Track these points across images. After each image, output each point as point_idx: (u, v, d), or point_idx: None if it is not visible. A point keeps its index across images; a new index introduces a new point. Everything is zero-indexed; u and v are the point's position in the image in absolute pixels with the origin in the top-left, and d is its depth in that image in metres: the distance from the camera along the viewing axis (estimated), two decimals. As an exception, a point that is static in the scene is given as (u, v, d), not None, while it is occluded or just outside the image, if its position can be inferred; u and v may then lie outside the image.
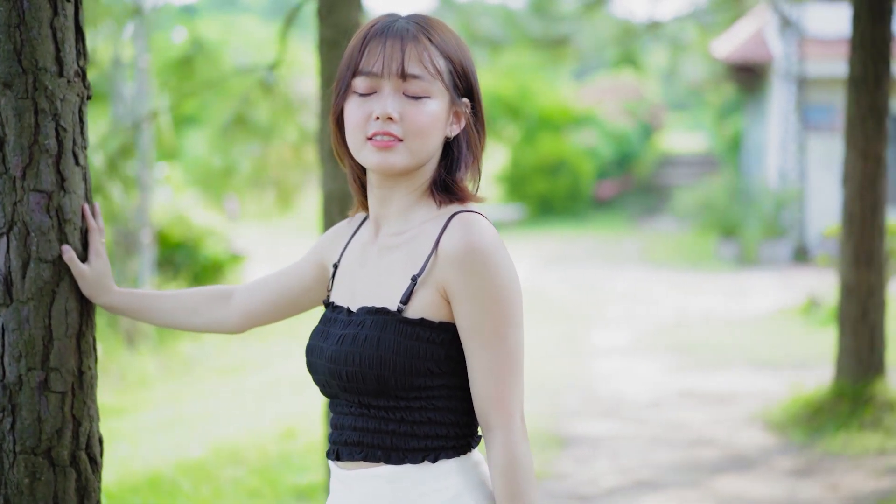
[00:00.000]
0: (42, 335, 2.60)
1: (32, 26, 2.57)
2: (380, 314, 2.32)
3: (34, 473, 2.60)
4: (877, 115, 8.06)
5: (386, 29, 2.32)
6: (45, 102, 2.58)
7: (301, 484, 6.76)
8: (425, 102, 2.32)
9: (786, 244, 20.40)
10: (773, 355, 11.21)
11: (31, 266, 2.59)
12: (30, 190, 2.58)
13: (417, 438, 2.32)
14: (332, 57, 4.92)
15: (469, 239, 2.28)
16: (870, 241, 8.18)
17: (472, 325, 2.29)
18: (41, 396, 2.60)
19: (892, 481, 6.72)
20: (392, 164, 2.32)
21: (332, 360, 2.33)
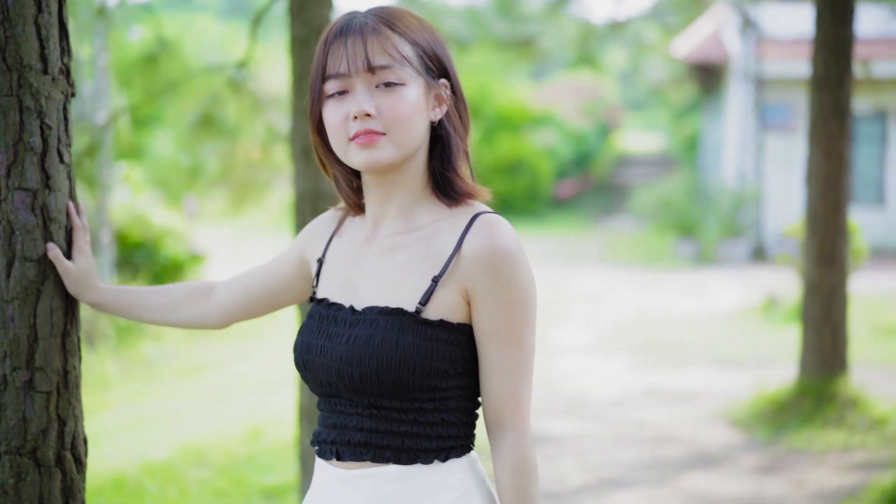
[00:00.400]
0: (27, 334, 2.58)
1: (17, 23, 2.54)
2: (395, 315, 2.28)
3: (19, 474, 2.58)
4: (839, 114, 8.13)
5: (345, 27, 2.30)
6: (29, 100, 2.56)
7: (269, 484, 6.74)
8: (400, 90, 2.29)
9: (743, 243, 20.54)
10: (735, 353, 11.28)
11: (15, 265, 2.56)
12: (14, 188, 2.55)
13: (430, 439, 2.31)
14: (304, 55, 4.91)
15: (496, 241, 2.28)
16: (832, 240, 8.25)
17: (493, 327, 2.29)
18: (26, 396, 2.58)
19: (857, 477, 6.78)
20: (379, 160, 2.29)
21: (343, 360, 2.29)
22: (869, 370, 9.57)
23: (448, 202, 2.38)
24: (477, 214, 2.32)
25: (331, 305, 2.41)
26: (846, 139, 8.19)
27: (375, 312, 2.30)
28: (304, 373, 2.40)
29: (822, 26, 8.14)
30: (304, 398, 5.10)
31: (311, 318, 2.43)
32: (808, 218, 8.40)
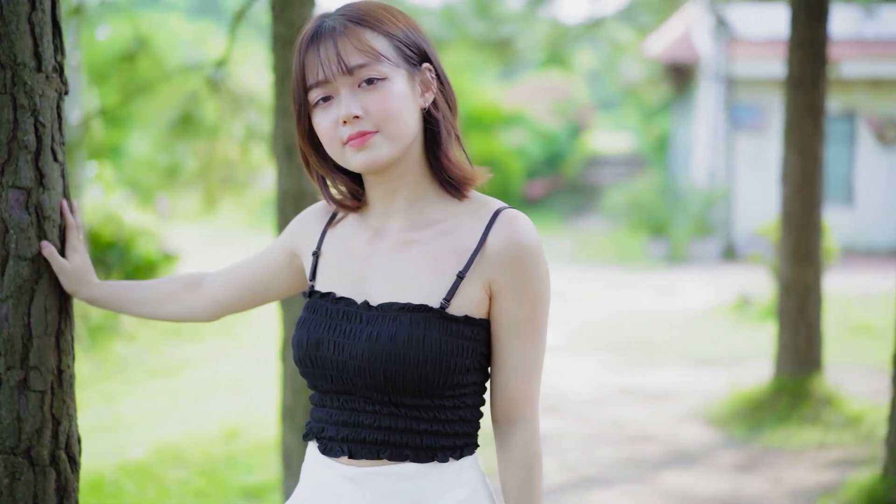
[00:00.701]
0: (21, 333, 2.57)
1: (10, 20, 2.53)
2: (420, 311, 2.26)
3: (14, 474, 2.57)
4: (814, 114, 8.18)
5: (315, 34, 2.29)
6: (23, 98, 2.55)
7: (249, 484, 6.72)
8: (383, 85, 2.26)
9: (714, 242, 20.64)
10: (709, 352, 11.33)
11: (10, 263, 2.55)
12: (8, 186, 2.54)
13: (447, 437, 2.31)
14: (286, 54, 4.90)
15: (521, 237, 2.29)
16: (807, 239, 8.30)
17: (514, 322, 2.31)
18: (21, 395, 2.57)
19: (834, 474, 6.82)
20: (377, 158, 2.27)
21: (364, 358, 2.25)
22: (841, 369, 9.63)
23: (453, 192, 2.37)
24: (499, 210, 2.33)
25: (339, 300, 2.36)
26: (820, 139, 8.24)
27: (396, 309, 2.28)
28: (311, 369, 2.35)
29: (797, 27, 8.18)
30: (287, 397, 5.09)
31: (314, 312, 2.38)
32: (783, 217, 8.45)
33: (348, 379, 2.29)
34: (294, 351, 2.38)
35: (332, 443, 2.34)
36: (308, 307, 2.41)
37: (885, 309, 13.38)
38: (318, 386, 2.38)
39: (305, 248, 2.52)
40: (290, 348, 5.03)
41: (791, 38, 8.23)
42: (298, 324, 2.39)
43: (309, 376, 2.38)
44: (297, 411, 5.03)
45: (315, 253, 2.47)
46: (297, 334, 2.38)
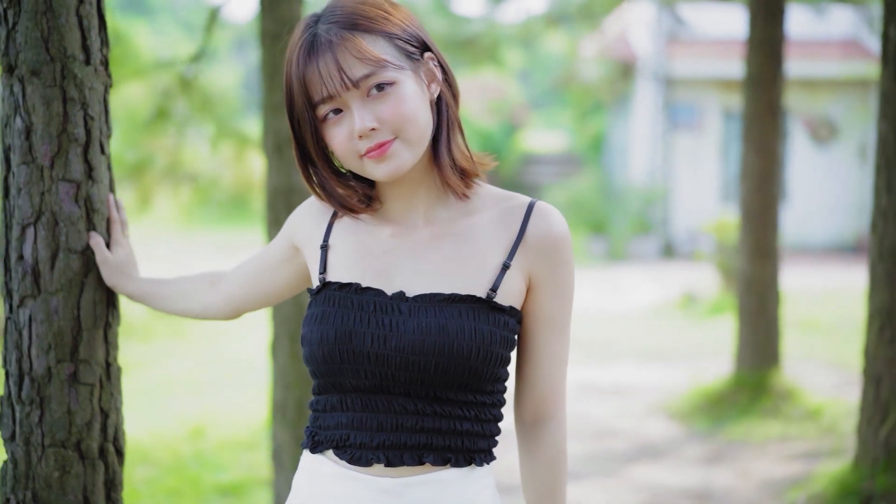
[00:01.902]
0: (71, 326, 2.57)
1: (60, 14, 2.53)
2: (468, 302, 2.19)
3: (64, 467, 2.57)
4: (772, 113, 8.32)
5: (312, 48, 2.17)
6: (73, 91, 2.55)
7: (223, 482, 6.70)
8: (394, 90, 2.17)
9: (653, 240, 20.85)
10: (661, 348, 11.45)
11: (59, 256, 2.55)
12: (59, 179, 2.54)
13: (484, 438, 2.25)
14: (275, 49, 4.90)
15: (560, 230, 2.26)
16: (766, 236, 8.44)
17: (549, 314, 2.28)
18: (71, 389, 2.57)
19: (800, 466, 6.94)
20: (400, 167, 2.19)
21: (412, 350, 2.15)
22: (795, 364, 9.78)
23: (458, 184, 2.29)
24: (533, 202, 2.29)
25: (364, 290, 2.23)
26: (778, 137, 8.38)
27: (440, 300, 2.19)
28: (340, 365, 2.19)
29: (755, 27, 8.31)
30: (277, 393, 5.09)
31: (334, 304, 2.23)
32: (742, 214, 8.58)
33: (388, 374, 2.17)
34: (315, 348, 2.21)
35: (364, 451, 2.20)
36: (322, 300, 2.26)
37: (829, 305, 13.62)
38: (342, 385, 2.22)
39: (309, 241, 2.40)
40: (281, 345, 5.03)
41: (749, 38, 8.36)
42: (314, 319, 2.23)
43: (332, 374, 2.22)
44: (287, 407, 5.03)
45: (323, 246, 2.34)
46: (318, 329, 2.22)
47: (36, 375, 2.56)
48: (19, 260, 2.56)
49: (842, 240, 21.14)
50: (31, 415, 2.56)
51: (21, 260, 2.55)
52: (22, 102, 2.53)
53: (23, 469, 2.57)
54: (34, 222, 2.54)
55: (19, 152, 2.54)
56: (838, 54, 20.62)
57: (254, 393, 9.13)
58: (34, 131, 2.53)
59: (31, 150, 2.53)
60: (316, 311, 2.25)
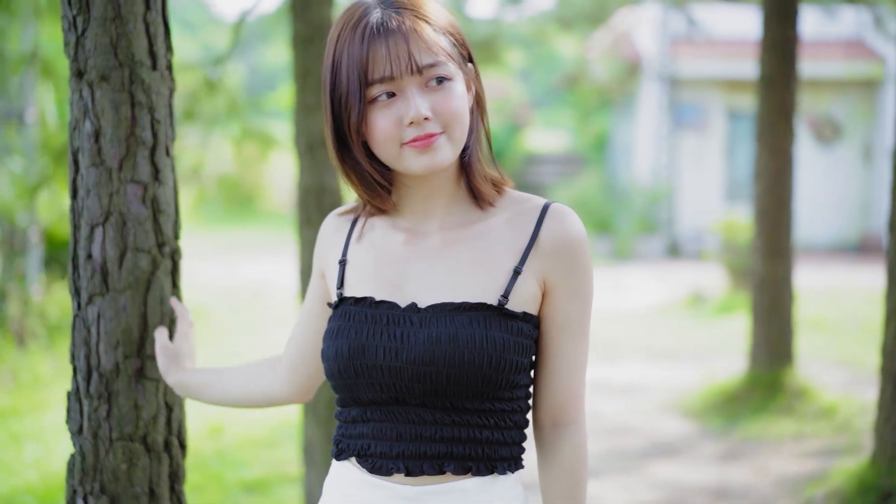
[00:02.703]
0: (138, 323, 2.65)
1: (128, 20, 2.61)
2: (479, 310, 2.15)
3: (131, 459, 2.65)
4: (786, 113, 8.40)
5: (382, 26, 2.14)
6: (141, 95, 2.63)
7: (247, 479, 6.78)
8: (449, 86, 2.17)
9: (658, 240, 20.93)
10: (670, 347, 11.53)
11: (127, 256, 2.63)
12: (127, 181, 2.62)
13: (506, 446, 2.21)
14: (307, 53, 4.99)
15: (574, 231, 2.22)
16: (779, 235, 8.52)
17: (566, 318, 2.23)
18: (138, 384, 2.65)
19: (816, 464, 7.02)
20: (440, 162, 2.17)
21: (424, 361, 2.13)
22: (804, 362, 9.86)
23: (482, 196, 2.27)
24: (548, 204, 2.25)
25: (378, 304, 2.22)
26: (791, 138, 8.46)
27: (451, 309, 2.17)
28: (354, 379, 2.20)
29: (769, 28, 8.39)
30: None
31: (349, 319, 2.23)
32: (755, 214, 8.66)
33: (403, 386, 2.16)
34: (331, 363, 2.22)
35: (384, 460, 2.20)
36: (339, 315, 2.25)
37: (835, 304, 13.70)
38: (360, 398, 2.22)
39: (332, 261, 2.38)
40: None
41: (763, 39, 8.44)
42: (331, 334, 2.24)
43: (349, 388, 2.22)
44: (318, 404, 5.12)
45: (341, 261, 2.33)
46: (334, 344, 2.22)
47: (104, 371, 2.64)
48: (88, 259, 2.64)
49: (846, 239, 21.22)
50: (99, 409, 2.64)
51: (90, 259, 2.63)
52: (91, 107, 2.60)
53: (91, 462, 2.65)
54: (103, 222, 2.62)
55: (88, 155, 2.61)
56: (842, 54, 20.70)
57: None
58: (103, 135, 2.61)
59: (100, 153, 2.61)
60: (333, 326, 2.25)
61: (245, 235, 23.06)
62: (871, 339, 10.18)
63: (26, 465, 7.37)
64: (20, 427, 8.52)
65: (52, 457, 7.53)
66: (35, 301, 11.55)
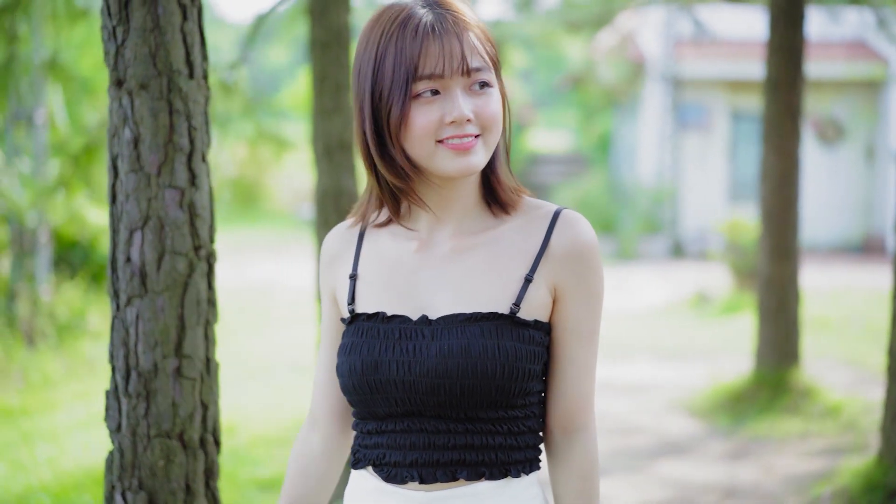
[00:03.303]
0: (175, 324, 2.74)
1: (166, 31, 2.70)
2: (490, 319, 2.17)
3: (168, 456, 2.74)
4: (792, 115, 8.47)
5: (435, 25, 2.16)
6: (179, 103, 2.71)
7: (261, 477, 6.86)
8: (492, 92, 2.19)
9: (662, 240, 21.01)
10: (676, 347, 11.61)
11: (165, 258, 2.72)
12: (165, 186, 2.71)
13: (520, 450, 2.22)
14: (325, 57, 5.08)
15: (586, 238, 2.23)
16: (785, 236, 8.60)
17: (576, 324, 2.23)
18: (175, 382, 2.74)
19: (823, 462, 7.10)
20: (475, 165, 2.17)
21: (437, 374, 2.14)
22: (809, 361, 9.94)
23: (511, 199, 2.28)
24: (559, 210, 2.25)
25: (390, 319, 2.23)
26: (798, 139, 8.54)
27: (462, 319, 2.18)
28: (369, 395, 2.21)
29: (775, 30, 8.47)
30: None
31: (361, 335, 2.23)
32: (762, 214, 8.74)
33: (417, 399, 2.18)
34: (346, 380, 2.24)
35: (399, 468, 2.22)
36: (352, 332, 2.26)
37: (839, 304, 13.78)
38: (376, 412, 2.24)
39: (341, 277, 2.37)
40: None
41: (770, 41, 8.52)
42: (344, 350, 2.25)
43: (365, 404, 2.24)
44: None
45: (352, 276, 2.33)
46: (347, 360, 2.23)
47: (143, 370, 2.73)
48: (127, 262, 2.73)
49: (848, 240, 21.29)
50: (137, 407, 2.73)
51: (129, 262, 2.72)
52: (131, 114, 2.69)
53: (129, 458, 2.74)
54: (142, 226, 2.71)
55: (128, 161, 2.70)
56: (845, 55, 20.77)
57: (278, 391, 9.31)
58: (142, 141, 2.70)
59: (139, 159, 2.70)
60: (346, 342, 2.26)
61: (250, 235, 23.14)
62: (876, 340, 10.27)
63: (39, 463, 7.44)
64: (31, 426, 8.60)
65: (64, 456, 7.61)
66: (44, 301, 11.62)
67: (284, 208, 27.71)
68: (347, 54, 5.13)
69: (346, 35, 5.09)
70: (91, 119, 11.34)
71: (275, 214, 27.22)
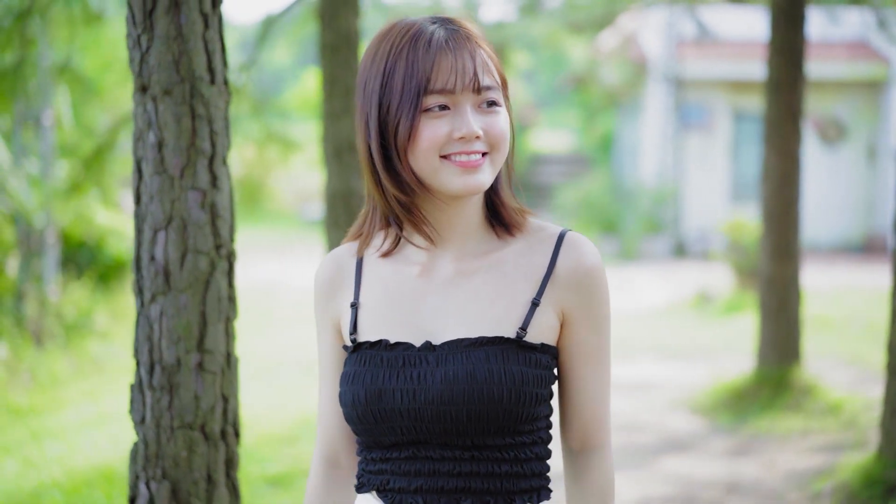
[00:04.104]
0: (198, 320, 2.86)
1: (189, 39, 2.81)
2: (496, 344, 2.15)
3: (191, 447, 2.85)
4: (793, 116, 8.58)
5: (449, 40, 2.14)
6: (201, 108, 2.83)
7: (271, 473, 6.96)
8: (500, 111, 2.18)
9: (664, 240, 21.11)
10: (678, 346, 11.71)
11: (188, 257, 2.84)
12: (188, 188, 2.82)
13: (526, 478, 2.20)
14: (334, 61, 5.19)
15: (590, 260, 2.22)
16: (786, 236, 8.70)
17: (587, 348, 2.24)
18: (197, 376, 2.85)
19: (824, 458, 7.21)
20: (480, 184, 2.16)
21: (443, 401, 2.12)
22: (811, 360, 10.04)
23: (517, 221, 2.27)
24: (563, 233, 2.25)
25: (393, 346, 2.20)
26: (798, 140, 8.64)
27: (467, 345, 2.16)
28: (374, 425, 2.19)
29: (776, 32, 8.57)
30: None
31: (363, 364, 2.20)
32: (763, 215, 8.85)
33: (423, 427, 2.15)
34: (349, 409, 2.20)
35: (402, 494, 2.20)
36: (354, 360, 2.23)
37: (841, 303, 13.87)
38: (382, 441, 2.22)
39: (342, 305, 2.32)
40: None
41: (771, 43, 8.62)
42: (347, 379, 2.22)
43: (369, 433, 2.21)
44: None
45: (354, 304, 2.29)
46: (350, 390, 2.20)
47: (166, 364, 2.85)
48: (151, 261, 2.84)
49: (850, 239, 21.39)
50: (161, 400, 2.85)
51: (153, 261, 2.84)
52: (155, 119, 2.81)
53: (153, 449, 2.86)
54: (165, 227, 2.83)
55: (152, 164, 2.82)
56: (846, 55, 20.87)
57: (283, 390, 9.41)
58: (166, 145, 2.81)
59: (162, 162, 2.82)
60: (349, 370, 2.23)
61: (252, 236, 23.24)
62: (877, 339, 10.35)
63: (49, 461, 7.54)
64: (40, 425, 8.69)
65: (74, 453, 7.71)
66: (52, 301, 11.70)
67: (288, 208, 27.81)
68: (356, 58, 5.25)
69: (354, 39, 5.21)
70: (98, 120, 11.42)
71: (278, 214, 27.32)
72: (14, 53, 8.77)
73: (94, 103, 14.06)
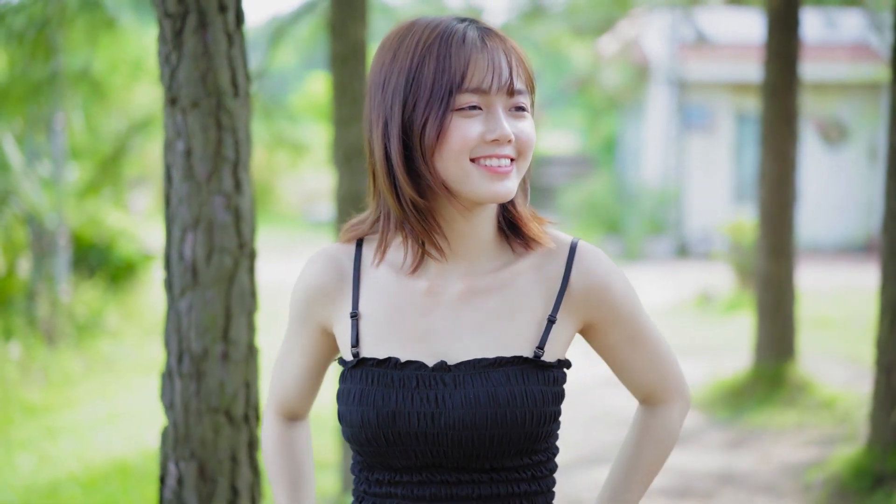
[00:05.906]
0: (223, 314, 3.11)
1: (214, 56, 3.06)
2: (516, 364, 2.08)
3: (216, 429, 3.10)
4: (789, 119, 8.82)
5: (484, 39, 2.06)
6: (226, 119, 3.08)
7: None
8: (526, 117, 2.09)
9: (667, 240, 21.30)
10: (679, 344, 11.87)
11: (214, 256, 3.09)
12: (214, 193, 3.07)
13: (542, 494, 2.16)
14: (344, 70, 5.43)
15: (604, 271, 2.17)
16: (782, 236, 8.94)
17: (626, 338, 2.21)
18: (222, 365, 3.10)
19: (817, 451, 7.45)
20: (508, 192, 2.06)
21: (465, 426, 2.04)
22: (809, 358, 10.27)
23: (517, 240, 2.19)
24: (574, 245, 2.18)
25: (404, 365, 2.09)
26: (794, 142, 8.88)
27: (485, 365, 2.08)
28: (386, 448, 2.08)
29: (772, 36, 8.80)
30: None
31: (370, 383, 2.09)
32: (759, 216, 9.08)
33: (440, 452, 2.06)
34: (356, 430, 2.09)
35: None
36: (359, 378, 2.11)
37: (841, 303, 14.09)
38: (391, 464, 2.12)
39: (339, 313, 2.20)
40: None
41: (767, 47, 8.85)
42: (352, 398, 2.10)
43: (378, 455, 2.11)
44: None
45: (353, 315, 2.16)
46: (357, 410, 2.08)
47: (194, 354, 3.10)
48: (180, 259, 3.10)
49: (852, 240, 21.57)
50: (189, 386, 3.11)
51: (182, 259, 3.10)
52: (184, 129, 3.07)
53: (182, 432, 3.11)
54: (193, 228, 3.09)
55: (181, 170, 3.08)
56: (848, 57, 21.05)
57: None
58: (194, 153, 3.07)
59: (191, 169, 3.07)
60: (353, 388, 2.11)
61: (261, 237, 23.35)
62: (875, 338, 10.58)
63: (65, 456, 7.75)
64: (54, 422, 8.88)
65: (88, 449, 7.91)
66: (63, 302, 11.88)
67: (294, 210, 28.01)
68: (364, 67, 5.49)
69: (363, 49, 5.46)
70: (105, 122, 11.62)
71: (284, 216, 27.50)
72: (40, 65, 8.97)
73: (102, 105, 14.29)
